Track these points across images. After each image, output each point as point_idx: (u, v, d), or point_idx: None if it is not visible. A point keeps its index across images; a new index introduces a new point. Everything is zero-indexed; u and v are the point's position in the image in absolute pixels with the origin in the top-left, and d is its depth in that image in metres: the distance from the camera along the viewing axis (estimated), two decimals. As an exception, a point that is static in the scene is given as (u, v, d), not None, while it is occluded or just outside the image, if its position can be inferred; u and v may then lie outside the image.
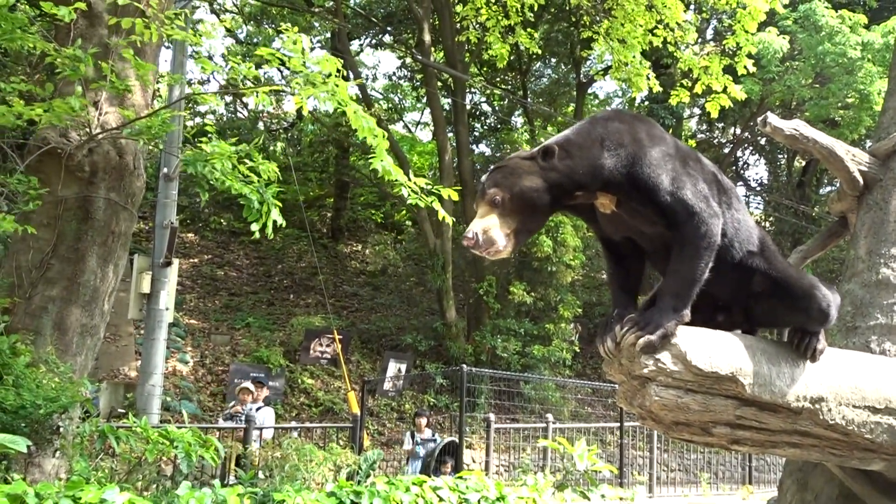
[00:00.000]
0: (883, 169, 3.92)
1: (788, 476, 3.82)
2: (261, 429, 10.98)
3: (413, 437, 12.80)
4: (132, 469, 7.04)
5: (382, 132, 7.12)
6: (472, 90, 25.99)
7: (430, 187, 7.58)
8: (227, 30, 24.31)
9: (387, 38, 26.82)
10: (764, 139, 28.01)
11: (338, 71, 6.71)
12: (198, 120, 24.08)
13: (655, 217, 2.79)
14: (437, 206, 7.62)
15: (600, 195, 2.84)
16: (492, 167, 2.84)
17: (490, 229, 2.66)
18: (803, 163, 28.18)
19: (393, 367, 18.16)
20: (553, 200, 2.75)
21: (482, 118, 27.77)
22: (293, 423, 15.11)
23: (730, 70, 14.39)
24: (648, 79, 14.37)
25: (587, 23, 16.69)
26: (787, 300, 2.91)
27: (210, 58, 23.93)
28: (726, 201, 2.93)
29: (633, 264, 3.07)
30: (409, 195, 7.35)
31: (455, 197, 7.89)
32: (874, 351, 3.53)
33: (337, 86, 6.71)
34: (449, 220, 8.09)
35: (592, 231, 3.22)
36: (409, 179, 7.39)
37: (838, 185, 4.04)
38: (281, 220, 7.18)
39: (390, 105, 30.28)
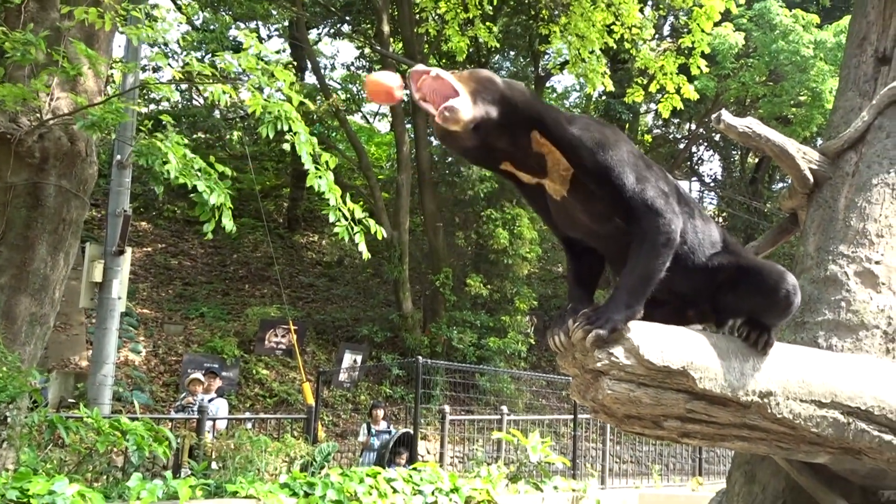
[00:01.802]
0: (833, 167, 3.98)
1: (737, 469, 3.88)
2: (214, 419, 10.89)
3: (369, 428, 12.76)
4: (82, 460, 6.95)
5: (328, 155, 7.11)
6: (431, 82, 25.90)
7: (363, 217, 7.59)
8: (184, 14, 23.97)
9: (345, 28, 26.63)
10: (718, 136, 28.37)
11: (291, 84, 6.67)
12: (152, 107, 23.68)
13: (612, 205, 2.77)
14: (359, 238, 7.58)
15: (549, 157, 2.77)
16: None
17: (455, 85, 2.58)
18: (756, 160, 28.62)
19: (348, 359, 18.11)
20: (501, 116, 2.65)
21: (440, 110, 27.68)
22: (247, 414, 15.00)
23: (684, 68, 14.51)
24: (604, 76, 14.42)
25: (545, 17, 16.74)
26: (756, 284, 2.94)
27: (165, 45, 23.57)
28: (687, 211, 2.95)
29: (591, 261, 3.07)
30: (335, 220, 7.35)
31: (380, 236, 7.91)
32: (821, 346, 3.59)
33: (290, 100, 6.66)
34: (367, 255, 8.09)
35: (548, 228, 3.19)
36: (346, 203, 7.40)
37: (789, 182, 4.10)
38: (231, 226, 7.14)
39: (348, 95, 30.07)
